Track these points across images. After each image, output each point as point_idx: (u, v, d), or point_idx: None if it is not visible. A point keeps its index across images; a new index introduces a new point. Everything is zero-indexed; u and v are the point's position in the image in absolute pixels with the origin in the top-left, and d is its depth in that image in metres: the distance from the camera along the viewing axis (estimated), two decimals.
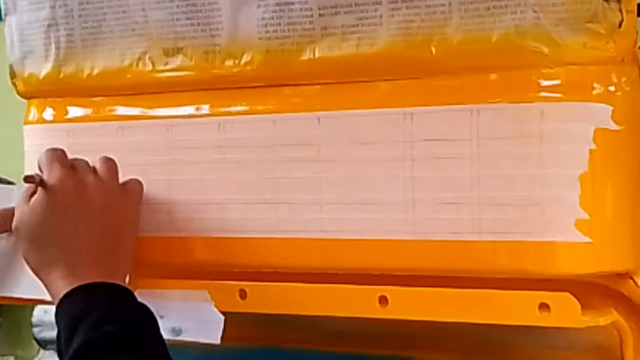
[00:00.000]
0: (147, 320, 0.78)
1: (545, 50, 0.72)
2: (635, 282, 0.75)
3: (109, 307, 0.77)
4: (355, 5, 0.78)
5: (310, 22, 0.80)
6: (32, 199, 0.81)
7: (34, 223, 0.81)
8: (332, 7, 0.79)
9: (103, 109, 0.91)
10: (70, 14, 0.90)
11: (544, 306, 0.72)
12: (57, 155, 0.84)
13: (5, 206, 0.86)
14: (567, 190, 0.73)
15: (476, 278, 0.77)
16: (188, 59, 0.86)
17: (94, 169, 0.84)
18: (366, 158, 0.79)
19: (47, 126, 0.94)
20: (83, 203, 0.81)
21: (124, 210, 0.84)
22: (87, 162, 0.85)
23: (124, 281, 0.83)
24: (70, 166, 0.83)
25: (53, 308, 0.79)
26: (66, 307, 0.77)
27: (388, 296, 0.77)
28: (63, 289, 0.78)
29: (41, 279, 0.81)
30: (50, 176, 0.82)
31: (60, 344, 0.76)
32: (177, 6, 0.85)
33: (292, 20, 0.81)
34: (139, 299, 0.80)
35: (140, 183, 0.86)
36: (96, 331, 0.74)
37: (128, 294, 0.79)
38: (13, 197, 0.87)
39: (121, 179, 0.86)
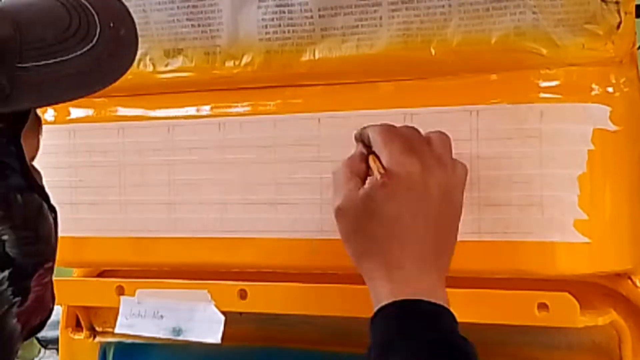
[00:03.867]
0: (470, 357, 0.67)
1: (544, 51, 0.73)
2: (633, 282, 0.76)
3: (427, 339, 0.67)
4: (355, 6, 0.78)
5: (310, 24, 0.80)
6: (369, 184, 0.70)
7: (366, 211, 0.70)
8: (332, 9, 0.79)
9: (104, 109, 0.91)
10: None
11: (542, 306, 0.72)
12: (395, 132, 0.73)
13: None
14: (566, 190, 0.73)
15: (476, 278, 0.77)
16: (188, 60, 0.86)
17: (429, 143, 0.73)
18: None
19: (48, 127, 0.94)
20: (424, 195, 0.70)
21: (457, 196, 0.73)
22: (420, 135, 0.74)
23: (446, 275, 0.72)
24: (409, 146, 0.72)
25: (55, 307, 0.79)
26: (382, 322, 0.69)
27: None
28: (382, 296, 0.69)
29: (360, 270, 0.72)
30: (391, 161, 0.70)
31: (370, 352, 0.69)
32: (178, 7, 0.85)
33: (292, 22, 0.81)
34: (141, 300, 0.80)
35: (465, 166, 0.74)
36: None
37: (451, 322, 0.69)
38: None
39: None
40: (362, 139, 0.74)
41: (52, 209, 0.63)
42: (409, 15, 0.77)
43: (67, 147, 0.91)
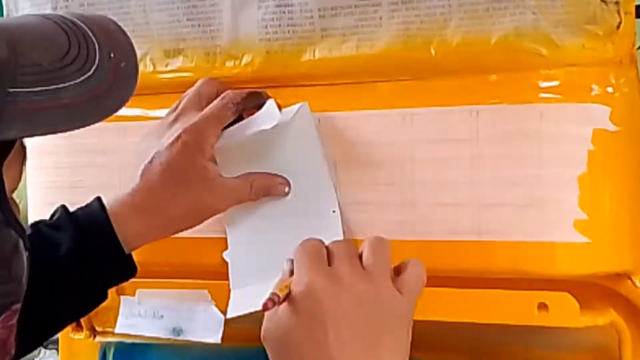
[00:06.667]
0: None
1: (544, 51, 0.73)
2: (633, 282, 0.76)
3: None
4: (355, 6, 0.78)
5: (310, 24, 0.80)
6: (280, 309, 0.66)
7: (278, 338, 0.66)
8: (332, 9, 0.79)
9: None
10: None
11: (542, 306, 0.72)
12: (311, 249, 0.68)
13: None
14: (566, 190, 0.73)
15: (476, 278, 0.77)
16: (189, 60, 0.86)
17: (360, 259, 0.68)
18: (366, 159, 0.80)
19: None
20: (334, 312, 0.64)
21: (390, 307, 0.65)
22: (350, 251, 0.68)
23: None
24: (328, 265, 0.67)
25: None
26: None
27: None
28: None
29: None
30: (298, 281, 0.66)
31: None
32: (178, 7, 0.85)
33: (292, 22, 0.81)
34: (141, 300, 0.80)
35: (421, 270, 0.68)
36: None
37: None
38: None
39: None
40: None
41: (27, 248, 0.58)
42: (409, 16, 0.77)
43: (67, 147, 0.91)
